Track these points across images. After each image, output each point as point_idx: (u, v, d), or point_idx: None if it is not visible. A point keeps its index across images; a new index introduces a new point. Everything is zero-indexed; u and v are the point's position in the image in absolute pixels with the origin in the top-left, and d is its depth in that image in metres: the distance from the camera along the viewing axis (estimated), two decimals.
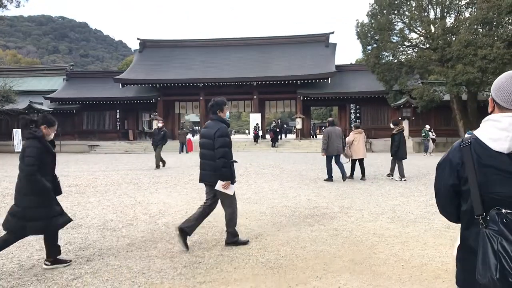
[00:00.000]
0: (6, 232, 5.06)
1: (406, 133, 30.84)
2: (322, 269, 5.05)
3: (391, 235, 6.57)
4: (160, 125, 19.22)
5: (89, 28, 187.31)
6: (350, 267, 5.09)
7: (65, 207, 9.06)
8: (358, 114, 37.33)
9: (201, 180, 6.21)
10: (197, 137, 52.67)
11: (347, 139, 14.38)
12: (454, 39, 28.53)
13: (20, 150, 30.71)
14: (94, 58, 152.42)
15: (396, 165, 14.08)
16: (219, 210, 8.67)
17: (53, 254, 5.22)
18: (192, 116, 79.77)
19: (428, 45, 30.43)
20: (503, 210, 1.91)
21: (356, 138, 14.04)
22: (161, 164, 18.77)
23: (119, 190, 11.78)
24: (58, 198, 5.35)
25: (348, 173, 13.80)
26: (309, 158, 23.17)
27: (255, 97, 38.33)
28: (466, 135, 2.27)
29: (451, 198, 2.19)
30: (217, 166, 5.82)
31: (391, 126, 14.98)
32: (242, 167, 18.57)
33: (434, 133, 30.29)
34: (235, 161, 6.11)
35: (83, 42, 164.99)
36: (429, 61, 29.85)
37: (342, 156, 13.67)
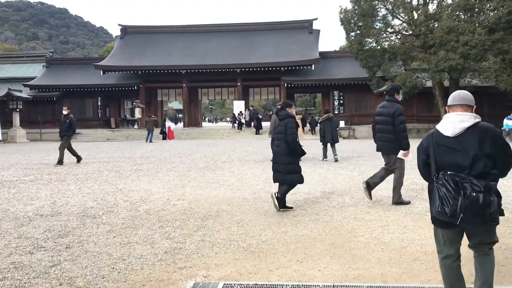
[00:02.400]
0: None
1: None
2: (303, 253, 5.06)
3: (372, 219, 6.62)
4: (65, 112, 16.30)
5: (69, 14, 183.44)
6: (331, 251, 5.12)
7: (44, 195, 8.98)
8: (341, 101, 37.51)
9: (378, 150, 7.97)
10: (180, 125, 52.39)
11: None
12: (436, 25, 28.67)
13: (0, 138, 30.02)
14: (74, 44, 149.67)
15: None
16: (201, 196, 8.64)
17: (283, 204, 7.21)
18: (175, 104, 79.20)
19: (411, 32, 30.54)
20: (448, 172, 3.21)
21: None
22: (70, 159, 16.08)
23: (100, 178, 11.66)
24: (36, 186, 5.25)
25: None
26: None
27: (238, 84, 38.18)
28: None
29: (423, 167, 3.55)
30: (400, 139, 7.39)
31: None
32: (226, 154, 18.54)
33: None
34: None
35: (63, 29, 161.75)
36: (411, 48, 29.99)
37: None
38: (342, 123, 35.22)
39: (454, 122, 3.33)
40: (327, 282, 4.13)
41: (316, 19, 41.82)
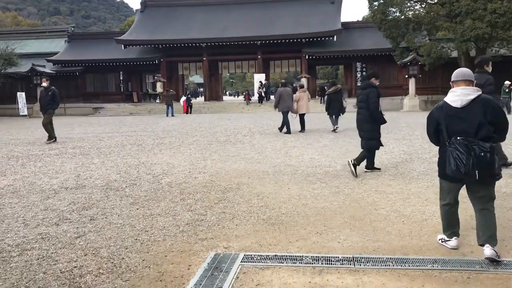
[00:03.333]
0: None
1: (412, 91, 30.60)
2: (323, 225, 5.08)
3: (393, 191, 6.58)
4: (45, 84, 14.59)
5: None
6: (351, 223, 5.12)
7: (69, 168, 9.17)
8: (364, 73, 36.84)
9: None
10: (200, 98, 52.50)
11: (294, 96, 16.43)
12: None
13: (25, 113, 30.66)
14: (95, 19, 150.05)
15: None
16: (221, 169, 8.70)
17: (371, 166, 8.17)
18: (196, 78, 79.16)
19: (436, 0, 29.61)
20: (458, 138, 3.88)
21: (301, 96, 16.30)
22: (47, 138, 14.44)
23: (123, 151, 11.83)
24: (61, 159, 5.35)
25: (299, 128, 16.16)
26: (313, 118, 23.08)
27: (259, 57, 37.84)
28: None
29: (433, 134, 4.26)
30: None
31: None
32: (246, 127, 18.56)
33: None
34: None
35: (85, 3, 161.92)
36: (437, 17, 29.12)
37: (290, 112, 15.89)
38: None
39: (460, 95, 3.98)
40: (347, 254, 4.14)
41: None
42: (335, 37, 35.31)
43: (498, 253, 3.87)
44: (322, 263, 3.93)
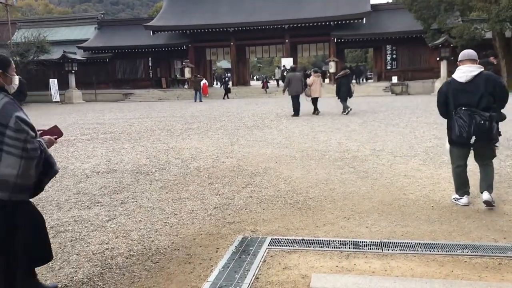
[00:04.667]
0: None
1: (444, 74, 29.77)
2: (350, 210, 5.06)
3: (423, 176, 6.48)
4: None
5: None
6: (379, 208, 5.08)
7: (100, 153, 9.38)
8: (394, 56, 36.15)
9: None
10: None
11: (308, 81, 17.10)
12: None
13: (57, 99, 31.42)
14: (124, 5, 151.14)
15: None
16: (249, 154, 8.74)
17: None
18: (224, 63, 79.11)
19: None
20: (463, 108, 4.66)
21: (315, 80, 16.80)
22: None
23: (153, 137, 12.00)
24: (92, 145, 5.48)
25: (311, 111, 16.92)
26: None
27: (286, 41, 37.50)
28: None
29: (442, 106, 5.01)
30: None
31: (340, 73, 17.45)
32: (273, 112, 18.53)
33: None
34: None
35: None
36: None
37: (303, 95, 16.62)
38: (394, 79, 34.10)
39: (465, 72, 4.76)
40: (375, 239, 4.12)
41: None
42: (364, 19, 34.62)
43: (493, 198, 4.86)
44: (349, 248, 3.92)
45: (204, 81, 35.24)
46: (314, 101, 16.93)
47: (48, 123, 17.14)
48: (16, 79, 3.03)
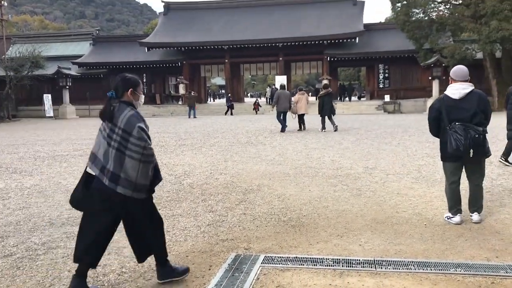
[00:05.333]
0: None
1: (436, 93, 30.04)
2: (344, 227, 5.06)
3: (415, 194, 6.51)
4: None
5: None
6: (372, 226, 5.09)
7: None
8: (386, 75, 36.51)
9: None
10: (219, 100, 52.63)
11: (293, 99, 18.11)
12: None
13: (51, 114, 31.30)
14: (119, 22, 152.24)
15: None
16: (242, 170, 8.74)
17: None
18: (218, 80, 79.51)
19: (460, 1, 29.15)
20: (457, 123, 4.83)
21: (300, 98, 17.72)
22: None
23: None
24: (86, 160, 5.45)
25: (297, 127, 17.82)
26: (335, 120, 22.97)
27: (280, 58, 37.80)
28: None
29: (434, 121, 5.15)
30: None
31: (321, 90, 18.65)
32: (267, 129, 18.59)
33: None
34: None
35: (109, 7, 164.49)
36: (461, 18, 28.67)
37: (289, 112, 17.49)
38: (387, 97, 34.40)
39: (458, 89, 4.94)
40: (368, 257, 4.12)
41: None
42: (357, 38, 35.05)
43: (482, 218, 5.13)
44: (343, 266, 3.92)
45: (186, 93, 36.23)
46: (301, 117, 17.74)
47: (42, 138, 17.08)
48: (142, 97, 3.78)
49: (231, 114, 33.76)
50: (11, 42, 40.50)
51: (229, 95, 37.01)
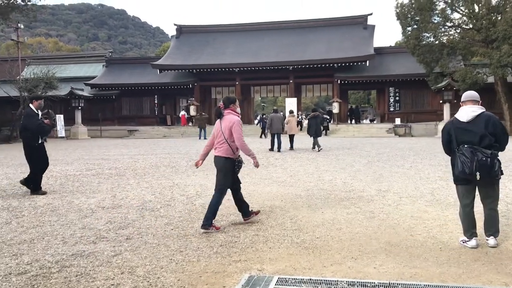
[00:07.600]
0: None
1: (447, 116, 29.94)
2: (358, 250, 5.01)
3: (429, 218, 6.44)
4: None
5: (127, 15, 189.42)
6: (386, 249, 5.03)
7: (105, 188, 9.38)
8: (397, 98, 36.53)
9: None
10: None
11: (285, 121, 19.56)
12: (499, 18, 27.36)
13: (63, 135, 31.59)
14: (132, 44, 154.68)
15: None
16: (254, 192, 8.72)
17: None
18: None
19: (471, 25, 29.30)
20: (465, 146, 4.86)
21: (290, 120, 19.45)
22: None
23: (157, 173, 12.03)
24: (98, 180, 5.50)
25: (289, 147, 19.45)
26: (346, 143, 22.93)
27: (291, 81, 38.05)
28: None
29: (447, 143, 5.17)
30: None
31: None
32: (277, 151, 18.58)
33: None
34: None
35: (122, 29, 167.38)
36: (472, 42, 28.78)
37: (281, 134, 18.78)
38: (398, 120, 34.34)
39: (467, 112, 4.99)
40: (383, 280, 4.07)
41: (371, 14, 40.99)
42: (367, 62, 35.22)
43: (498, 242, 5.07)
44: None
45: (183, 112, 36.49)
46: (291, 137, 19.49)
47: (54, 158, 17.22)
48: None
49: (265, 136, 30.54)
50: (26, 64, 41.27)
51: (264, 115, 33.77)
